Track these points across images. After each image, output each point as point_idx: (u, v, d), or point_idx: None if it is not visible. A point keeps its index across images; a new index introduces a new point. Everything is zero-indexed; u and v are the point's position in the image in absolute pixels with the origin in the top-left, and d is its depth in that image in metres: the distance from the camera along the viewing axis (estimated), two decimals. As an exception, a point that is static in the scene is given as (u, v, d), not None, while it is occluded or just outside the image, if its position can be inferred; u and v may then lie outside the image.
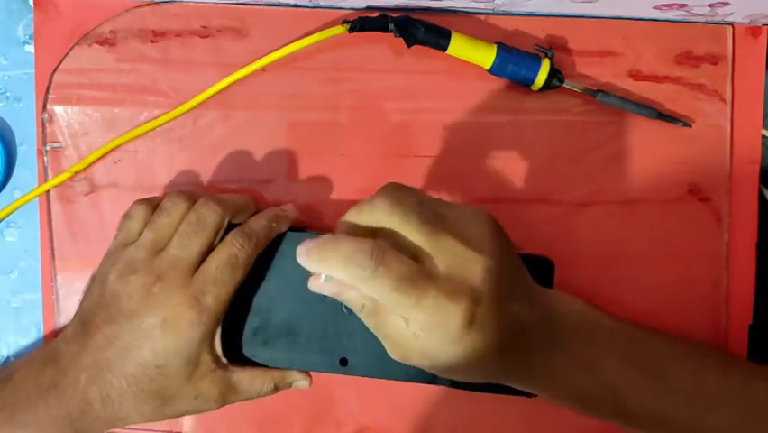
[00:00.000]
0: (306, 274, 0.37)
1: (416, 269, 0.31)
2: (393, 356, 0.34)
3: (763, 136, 0.44)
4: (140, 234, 0.38)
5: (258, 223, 0.39)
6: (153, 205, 0.39)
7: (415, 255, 0.32)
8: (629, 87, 0.43)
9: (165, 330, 0.36)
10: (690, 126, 0.43)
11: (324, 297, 0.40)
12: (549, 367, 0.35)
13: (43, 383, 0.37)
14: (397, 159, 0.44)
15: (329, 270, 0.32)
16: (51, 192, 0.44)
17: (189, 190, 0.41)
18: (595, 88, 0.43)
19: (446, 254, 0.32)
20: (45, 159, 0.44)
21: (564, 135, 0.43)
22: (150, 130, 0.43)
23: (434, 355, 0.33)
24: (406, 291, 0.31)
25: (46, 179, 0.43)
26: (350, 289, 0.33)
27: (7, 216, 0.44)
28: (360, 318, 0.38)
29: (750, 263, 0.44)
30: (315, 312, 0.40)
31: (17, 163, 0.45)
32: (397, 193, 0.33)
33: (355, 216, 0.34)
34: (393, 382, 0.40)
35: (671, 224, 0.44)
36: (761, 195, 0.44)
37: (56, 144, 0.43)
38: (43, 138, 0.43)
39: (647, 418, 0.37)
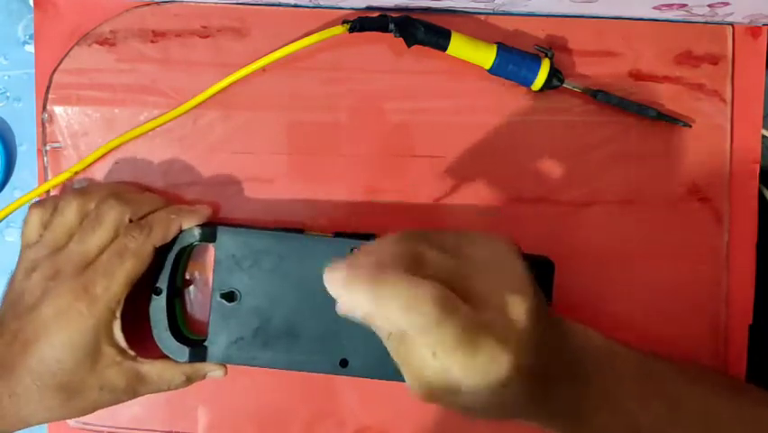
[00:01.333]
0: (309, 276, 0.37)
1: (473, 317, 0.29)
2: (412, 387, 0.32)
3: (763, 136, 0.44)
4: (39, 235, 0.39)
5: (154, 215, 0.40)
6: (48, 206, 0.40)
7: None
8: (629, 87, 0.43)
9: (58, 322, 0.36)
10: (690, 126, 0.43)
11: (325, 299, 0.40)
12: (575, 406, 0.34)
13: None
14: (397, 159, 0.44)
15: (382, 312, 0.29)
16: (51, 192, 0.44)
17: (83, 187, 0.42)
18: (595, 88, 0.43)
19: (491, 299, 0.30)
20: (45, 159, 0.44)
21: (564, 135, 0.43)
22: (150, 130, 0.43)
23: (472, 398, 0.30)
24: (467, 343, 0.29)
25: (46, 179, 0.43)
26: (376, 316, 0.30)
27: (7, 216, 0.44)
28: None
29: (750, 263, 0.44)
30: (315, 313, 0.40)
31: (17, 163, 0.45)
32: (416, 256, 0.30)
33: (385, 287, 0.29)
34: (394, 382, 0.40)
35: (671, 224, 0.44)
36: (761, 195, 0.44)
37: (56, 144, 0.43)
38: (43, 138, 0.43)
39: None
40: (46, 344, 0.36)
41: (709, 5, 0.40)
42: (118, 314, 0.38)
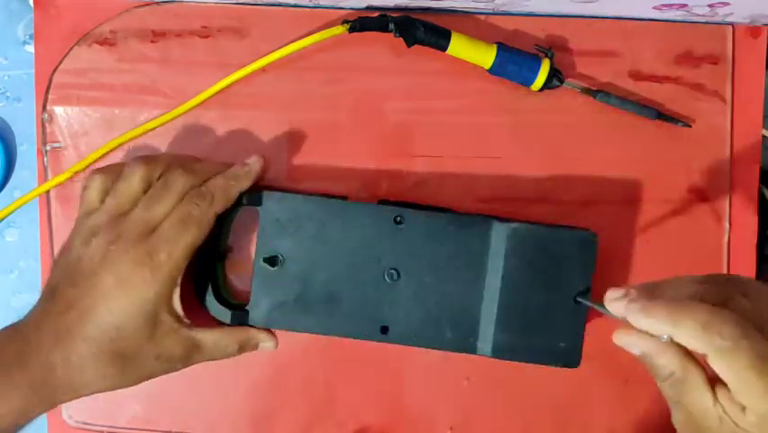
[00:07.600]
0: (352, 242, 0.37)
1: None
2: (679, 429, 0.32)
3: (764, 136, 0.44)
4: (101, 201, 0.39)
5: (214, 181, 0.39)
6: (110, 173, 0.39)
7: None
8: (629, 87, 0.43)
9: (119, 288, 0.36)
10: (690, 126, 0.43)
11: (367, 265, 0.40)
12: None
13: (7, 356, 0.36)
14: (397, 159, 0.44)
15: (676, 333, 0.29)
16: (51, 192, 0.44)
17: (149, 155, 0.41)
18: (595, 88, 0.43)
19: None
20: (45, 159, 0.44)
21: (564, 135, 0.44)
22: (150, 130, 0.43)
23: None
24: (762, 374, 0.28)
25: (46, 179, 0.43)
26: (664, 353, 0.30)
27: (7, 216, 0.44)
28: (401, 288, 0.38)
29: (750, 263, 0.44)
30: (357, 280, 0.40)
31: (17, 163, 0.45)
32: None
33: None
34: (393, 381, 0.40)
35: (671, 224, 0.44)
36: (761, 195, 0.44)
37: (56, 144, 0.43)
38: (43, 138, 0.43)
39: None
40: (106, 310, 0.36)
41: (709, 5, 0.40)
42: (179, 282, 0.38)
